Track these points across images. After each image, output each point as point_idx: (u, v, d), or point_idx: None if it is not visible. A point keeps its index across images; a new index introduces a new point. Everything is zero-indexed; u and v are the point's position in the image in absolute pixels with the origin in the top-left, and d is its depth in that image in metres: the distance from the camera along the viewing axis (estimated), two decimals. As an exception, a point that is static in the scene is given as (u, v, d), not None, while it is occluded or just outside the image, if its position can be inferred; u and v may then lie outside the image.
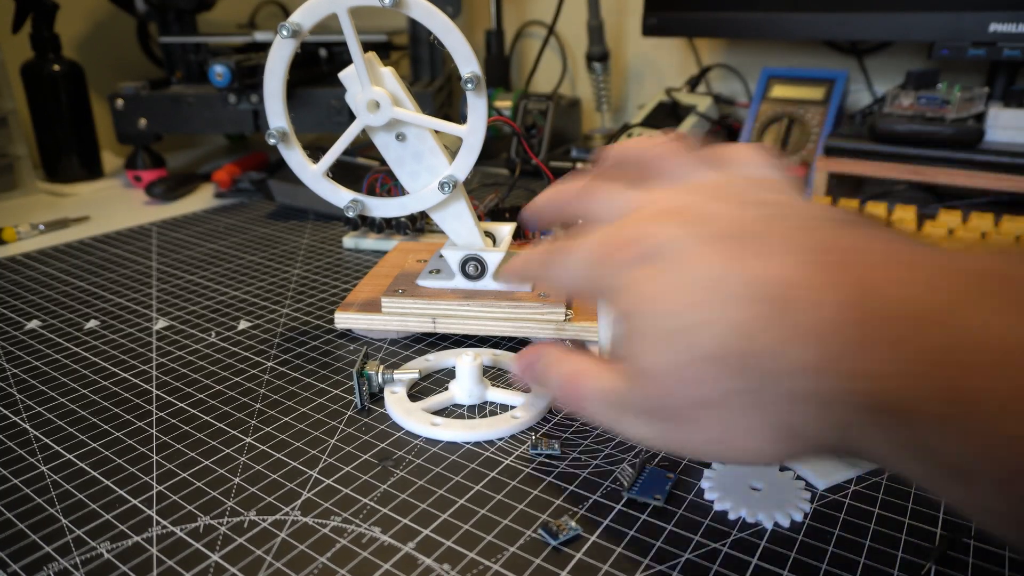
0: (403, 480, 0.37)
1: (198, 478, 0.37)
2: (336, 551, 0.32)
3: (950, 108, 0.70)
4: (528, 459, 0.39)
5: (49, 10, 0.92)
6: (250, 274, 0.65)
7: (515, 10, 1.19)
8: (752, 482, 0.35)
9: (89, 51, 1.09)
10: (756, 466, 0.35)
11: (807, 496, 0.34)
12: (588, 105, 1.14)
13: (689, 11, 0.89)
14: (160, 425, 0.42)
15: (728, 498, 0.34)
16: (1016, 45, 0.71)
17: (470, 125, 0.47)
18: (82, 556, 0.32)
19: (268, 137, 0.47)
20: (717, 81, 1.06)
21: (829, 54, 0.97)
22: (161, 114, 0.92)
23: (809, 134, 0.83)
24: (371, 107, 0.46)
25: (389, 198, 0.50)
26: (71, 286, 0.63)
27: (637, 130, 0.87)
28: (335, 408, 0.44)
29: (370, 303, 0.52)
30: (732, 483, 0.35)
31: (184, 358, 0.50)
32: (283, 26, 0.44)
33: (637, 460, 0.38)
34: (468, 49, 0.45)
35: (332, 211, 0.80)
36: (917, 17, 0.76)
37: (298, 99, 0.89)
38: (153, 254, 0.71)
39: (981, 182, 0.67)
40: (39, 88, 0.93)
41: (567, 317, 0.49)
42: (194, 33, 1.01)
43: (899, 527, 0.33)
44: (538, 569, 0.31)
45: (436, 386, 0.46)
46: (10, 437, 0.41)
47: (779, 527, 0.33)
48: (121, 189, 0.96)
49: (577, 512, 0.35)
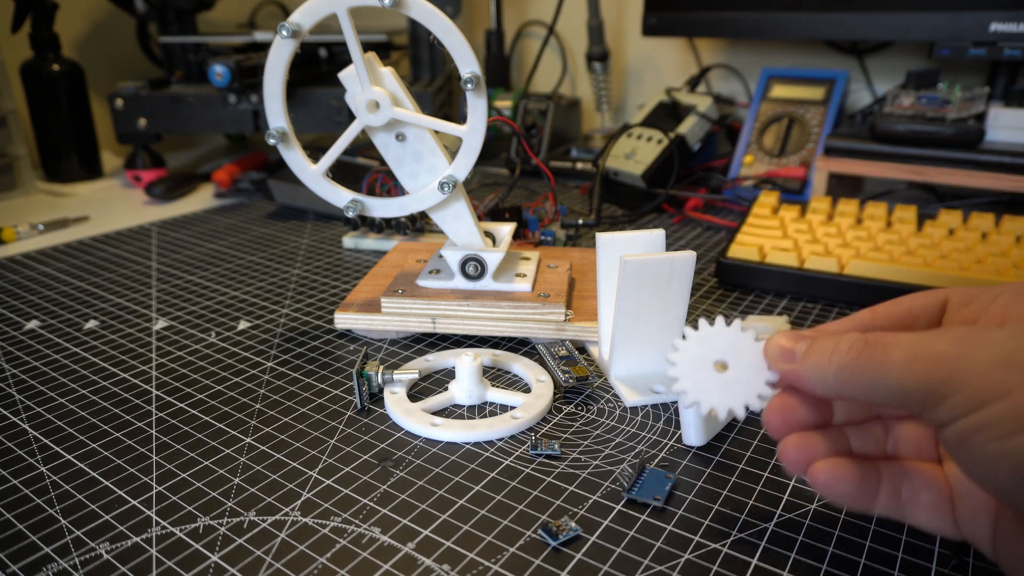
0: (403, 480, 0.37)
1: (198, 478, 0.37)
2: (336, 551, 0.32)
3: (950, 108, 0.70)
4: (528, 459, 0.39)
5: (49, 10, 0.92)
6: (250, 274, 0.65)
7: (515, 10, 1.19)
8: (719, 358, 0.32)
9: (89, 51, 1.09)
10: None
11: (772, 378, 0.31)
12: (588, 105, 1.14)
13: (689, 11, 0.89)
14: (160, 425, 0.42)
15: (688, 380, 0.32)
16: (1016, 45, 0.71)
17: (470, 125, 0.47)
18: (81, 557, 0.32)
19: (268, 137, 0.47)
20: (717, 81, 1.05)
21: (829, 54, 0.97)
22: (161, 114, 0.92)
23: (809, 134, 0.83)
24: (371, 107, 0.46)
25: (389, 198, 0.50)
26: (71, 286, 0.63)
27: (637, 130, 0.87)
28: (335, 408, 0.44)
29: (370, 303, 0.52)
30: (696, 362, 0.32)
31: (184, 358, 0.50)
32: (283, 26, 0.44)
33: (637, 460, 0.38)
34: (468, 49, 0.45)
35: (332, 211, 0.80)
36: (917, 17, 0.76)
37: (298, 99, 0.89)
38: (153, 254, 0.71)
39: (982, 182, 0.67)
40: (39, 88, 0.93)
41: (567, 317, 0.49)
42: (194, 33, 1.01)
43: (899, 527, 0.33)
44: (538, 569, 0.31)
45: (436, 386, 0.46)
46: (10, 437, 0.41)
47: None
48: (121, 189, 0.96)
49: (577, 512, 0.35)
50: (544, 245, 0.67)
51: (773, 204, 0.67)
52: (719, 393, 0.32)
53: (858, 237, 0.60)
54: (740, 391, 0.31)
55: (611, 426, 0.42)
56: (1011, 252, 0.55)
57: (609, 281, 0.45)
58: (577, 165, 0.94)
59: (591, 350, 0.49)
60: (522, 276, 0.52)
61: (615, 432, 0.41)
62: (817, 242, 0.60)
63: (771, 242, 0.61)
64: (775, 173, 0.81)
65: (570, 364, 0.46)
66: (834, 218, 0.64)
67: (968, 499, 0.29)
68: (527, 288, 0.51)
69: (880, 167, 0.72)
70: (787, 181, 0.80)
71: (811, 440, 0.30)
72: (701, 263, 0.65)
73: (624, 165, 0.85)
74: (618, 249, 0.44)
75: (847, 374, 0.27)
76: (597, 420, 0.42)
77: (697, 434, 0.39)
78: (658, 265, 0.41)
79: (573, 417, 0.43)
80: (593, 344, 0.50)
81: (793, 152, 0.83)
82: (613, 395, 0.45)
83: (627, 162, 0.85)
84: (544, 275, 0.54)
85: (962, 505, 0.29)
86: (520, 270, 0.53)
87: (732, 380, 0.32)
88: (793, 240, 0.61)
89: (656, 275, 0.41)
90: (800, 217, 0.65)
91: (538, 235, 0.68)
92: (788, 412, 0.30)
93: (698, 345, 0.32)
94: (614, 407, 0.44)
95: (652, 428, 0.41)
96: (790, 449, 0.30)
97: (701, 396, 0.32)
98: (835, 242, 0.60)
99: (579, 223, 0.68)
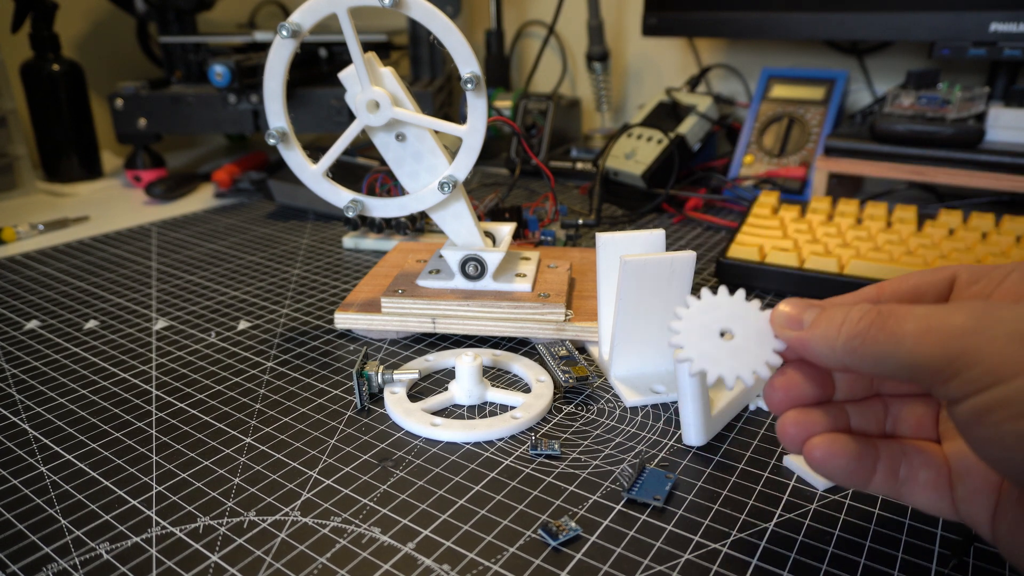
0: (403, 480, 0.37)
1: (198, 478, 0.37)
2: (336, 551, 0.32)
3: (950, 108, 0.70)
4: (528, 459, 0.39)
5: (49, 10, 0.92)
6: (250, 274, 0.65)
7: (515, 10, 1.19)
8: (724, 326, 0.31)
9: (89, 51, 1.09)
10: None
11: (779, 347, 0.30)
12: (588, 105, 1.14)
13: (689, 11, 0.89)
14: (160, 425, 0.42)
15: (693, 348, 0.31)
16: (1016, 45, 0.71)
17: (470, 125, 0.47)
18: (81, 557, 0.32)
19: (268, 137, 0.47)
20: (717, 81, 1.05)
21: (829, 54, 0.97)
22: (161, 114, 0.92)
23: (809, 134, 0.83)
24: (371, 107, 0.46)
25: (389, 198, 0.50)
26: (71, 286, 0.63)
27: (637, 130, 0.87)
28: (335, 408, 0.44)
29: (370, 303, 0.52)
30: (701, 331, 0.31)
31: (184, 358, 0.50)
32: (283, 26, 0.44)
33: (637, 460, 0.38)
34: (468, 49, 0.45)
35: (332, 211, 0.80)
36: (917, 17, 0.76)
37: (298, 99, 0.89)
38: (153, 254, 0.71)
39: (982, 182, 0.67)
40: (39, 88, 0.93)
41: (567, 317, 0.49)
42: (194, 33, 1.01)
43: (899, 528, 0.33)
44: (538, 569, 0.31)
45: (436, 386, 0.46)
46: (10, 437, 0.41)
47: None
48: (121, 189, 0.96)
49: (577, 512, 0.35)
50: (544, 245, 0.67)
51: (773, 204, 0.67)
52: (726, 361, 0.31)
53: (858, 237, 0.60)
54: (747, 359, 0.30)
55: (611, 426, 0.42)
56: (1011, 252, 0.55)
57: (609, 281, 0.45)
58: (577, 165, 0.94)
59: (591, 350, 0.49)
60: (522, 276, 0.52)
61: (615, 432, 0.41)
62: (817, 242, 0.60)
63: (771, 242, 0.61)
64: (775, 173, 0.81)
65: (570, 364, 0.46)
66: (834, 218, 0.64)
67: (968, 479, 0.28)
68: (527, 288, 0.51)
69: (880, 167, 0.72)
70: (787, 181, 0.80)
71: (810, 416, 0.29)
72: (701, 263, 0.65)
73: (624, 165, 0.85)
74: (618, 249, 0.44)
75: (857, 343, 0.26)
76: (597, 420, 0.42)
77: (697, 434, 0.39)
78: (658, 265, 0.41)
79: (573, 417, 0.43)
80: (593, 344, 0.50)
81: (793, 152, 0.83)
82: (613, 395, 0.45)
83: (627, 162, 0.85)
84: (544, 275, 0.54)
85: (961, 485, 0.29)
86: (520, 270, 0.53)
87: (738, 348, 0.30)
88: (793, 240, 0.61)
89: (656, 275, 0.41)
90: (800, 217, 0.65)
91: (538, 235, 0.68)
92: (791, 387, 0.30)
93: (701, 313, 0.31)
94: (614, 407, 0.44)
95: (652, 428, 0.41)
96: (789, 424, 0.29)
97: (707, 364, 0.31)
98: (835, 242, 0.60)
99: (579, 223, 0.68)
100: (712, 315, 0.31)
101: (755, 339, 0.30)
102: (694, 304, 0.31)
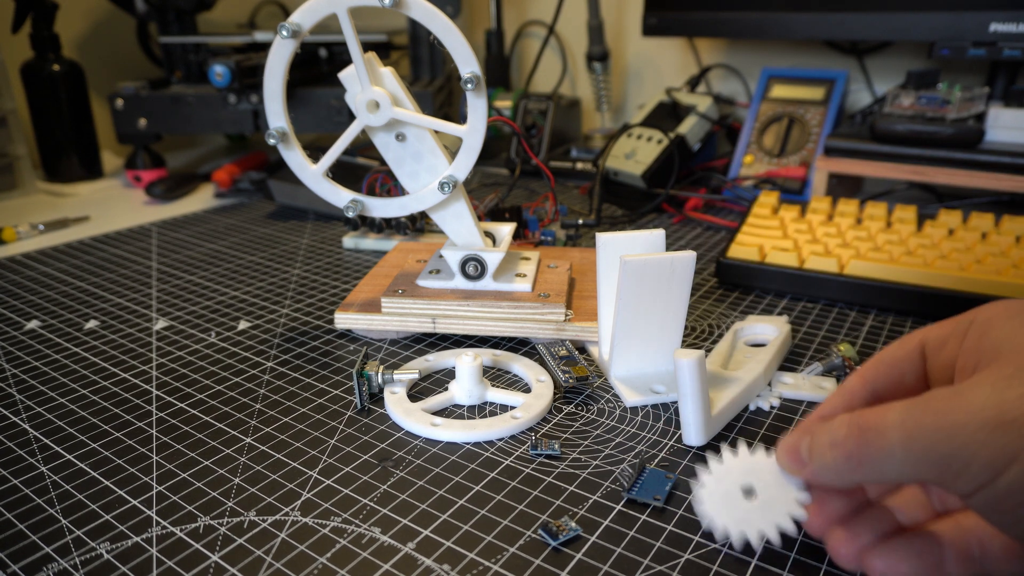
0: (403, 480, 0.37)
1: (198, 478, 0.37)
2: (336, 551, 0.32)
3: (950, 108, 0.70)
4: (528, 459, 0.39)
5: (49, 10, 0.92)
6: (250, 274, 0.65)
7: (515, 10, 1.19)
8: (743, 485, 0.31)
9: (89, 51, 1.09)
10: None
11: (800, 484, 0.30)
12: (588, 105, 1.14)
13: (689, 11, 0.89)
14: (160, 425, 0.42)
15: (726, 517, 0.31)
16: (1016, 45, 0.71)
17: (470, 125, 0.47)
18: (82, 557, 0.32)
19: (268, 137, 0.47)
20: (717, 81, 1.06)
21: (829, 54, 0.97)
22: (161, 114, 0.92)
23: (809, 134, 0.83)
24: (371, 107, 0.46)
25: (389, 198, 0.50)
26: (71, 286, 0.63)
27: (637, 130, 0.87)
28: (335, 408, 0.44)
29: (370, 303, 0.52)
30: (723, 499, 0.31)
31: (184, 358, 0.50)
32: (283, 26, 0.44)
33: (637, 460, 0.38)
34: (468, 49, 0.45)
35: (332, 211, 0.80)
36: (917, 17, 0.76)
37: (298, 99, 0.89)
38: (153, 254, 0.71)
39: (981, 182, 0.67)
40: (39, 88, 0.93)
41: (567, 317, 0.49)
42: (194, 33, 1.01)
43: (899, 527, 0.33)
44: (538, 569, 0.31)
45: (436, 386, 0.46)
46: (10, 437, 0.41)
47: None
48: (121, 189, 0.96)
49: (577, 512, 0.35)
50: (544, 245, 0.67)
51: (773, 204, 0.67)
52: (759, 518, 0.30)
53: (858, 237, 0.60)
54: (777, 507, 0.30)
55: (611, 426, 0.42)
56: (1011, 252, 0.55)
57: (609, 281, 0.45)
58: (577, 165, 0.94)
59: (591, 350, 0.49)
60: (522, 276, 0.52)
61: (615, 432, 0.41)
62: (817, 242, 0.60)
63: (771, 242, 0.61)
64: (775, 173, 0.81)
65: (570, 364, 0.46)
66: (834, 218, 0.64)
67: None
68: (527, 288, 0.51)
69: (880, 167, 0.72)
70: (787, 181, 0.80)
71: (857, 529, 0.29)
72: (701, 263, 0.65)
73: (624, 165, 0.85)
74: (618, 249, 0.44)
75: (853, 465, 0.26)
76: (597, 420, 0.42)
77: (697, 434, 0.39)
78: (658, 265, 0.41)
79: (573, 417, 0.43)
80: (593, 344, 0.50)
81: (793, 152, 0.83)
82: (613, 395, 0.45)
83: (627, 162, 0.85)
84: (544, 275, 0.54)
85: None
86: (520, 270, 0.53)
87: (765, 502, 0.30)
88: (793, 240, 0.61)
89: (656, 275, 0.41)
90: (800, 217, 0.65)
91: (538, 235, 0.68)
92: (823, 506, 0.30)
93: (718, 482, 0.31)
94: (614, 407, 0.44)
95: (652, 428, 0.41)
96: (839, 545, 0.29)
97: (744, 527, 0.30)
98: (835, 242, 0.60)
99: (579, 223, 0.68)
100: (729, 479, 0.31)
101: (776, 487, 0.30)
102: (707, 479, 0.32)
